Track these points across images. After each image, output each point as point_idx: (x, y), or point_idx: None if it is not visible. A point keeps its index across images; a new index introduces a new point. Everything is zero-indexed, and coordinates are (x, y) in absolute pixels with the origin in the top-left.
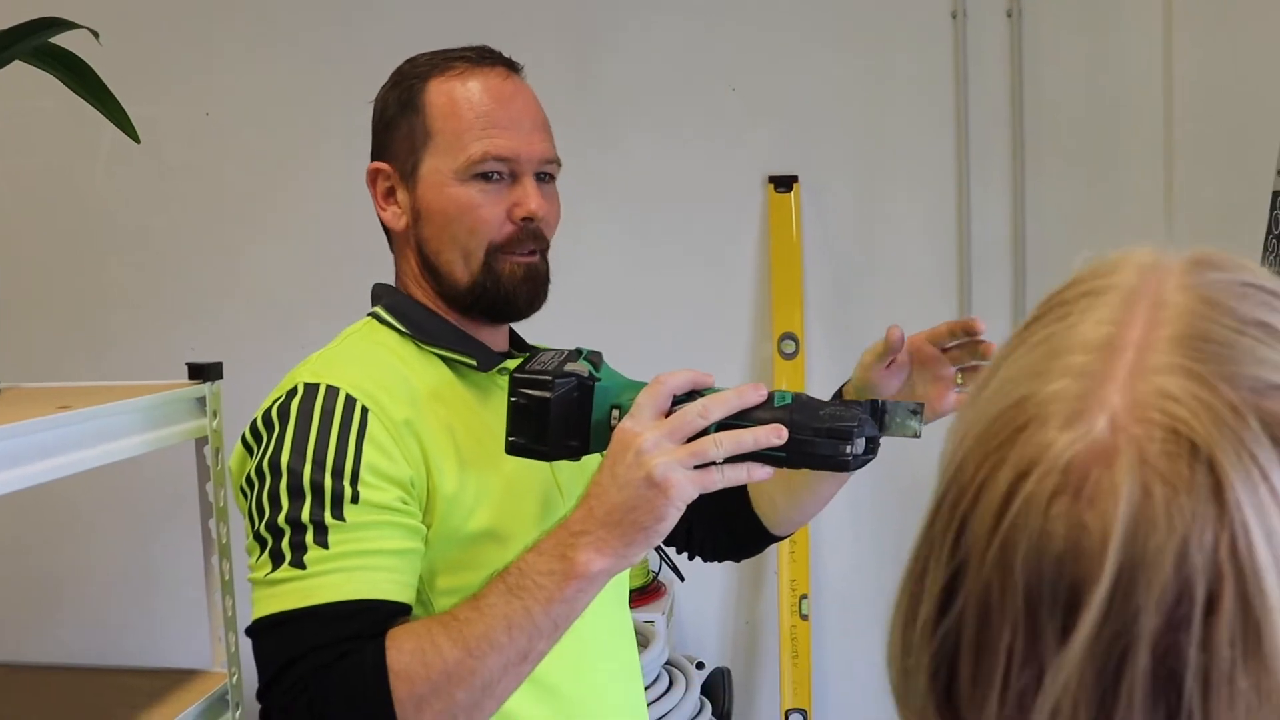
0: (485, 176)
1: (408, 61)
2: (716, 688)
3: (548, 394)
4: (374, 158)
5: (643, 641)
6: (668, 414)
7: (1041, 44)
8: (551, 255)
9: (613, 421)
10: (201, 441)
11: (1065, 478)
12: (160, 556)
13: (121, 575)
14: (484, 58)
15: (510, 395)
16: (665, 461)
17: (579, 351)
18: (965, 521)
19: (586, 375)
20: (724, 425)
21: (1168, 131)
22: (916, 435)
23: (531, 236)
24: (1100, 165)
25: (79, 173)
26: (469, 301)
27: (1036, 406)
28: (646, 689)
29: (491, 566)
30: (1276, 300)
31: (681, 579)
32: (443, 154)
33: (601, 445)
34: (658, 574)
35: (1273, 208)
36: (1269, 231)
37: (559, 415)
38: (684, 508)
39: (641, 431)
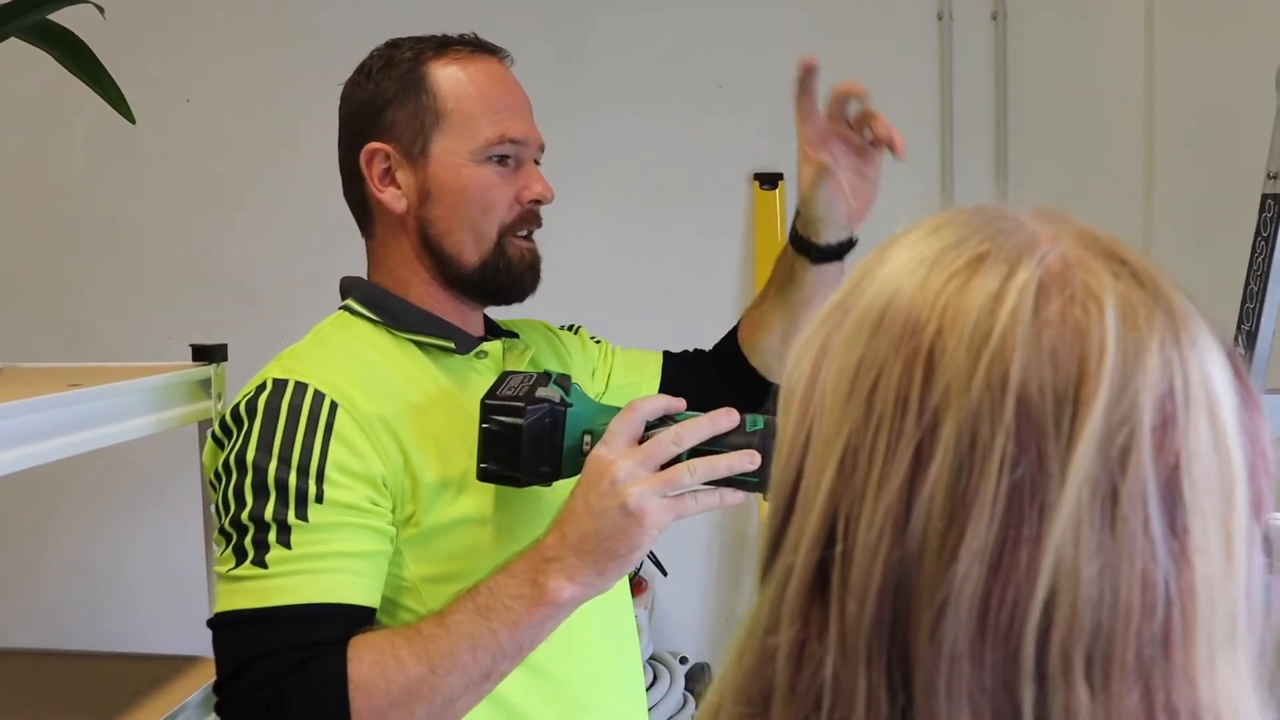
0: (500, 160)
1: (389, 46)
2: (700, 683)
3: (520, 420)
4: (362, 139)
5: None
6: (641, 440)
7: (1025, 46)
8: None
9: (585, 447)
10: (205, 424)
11: (1044, 288)
12: (135, 544)
13: (90, 562)
14: (479, 45)
15: (482, 422)
16: (640, 490)
17: (548, 375)
18: (931, 369)
19: (559, 400)
20: (697, 451)
21: (1149, 133)
22: None
23: (535, 219)
24: (1083, 166)
25: (56, 157)
26: (476, 282)
27: (976, 258)
28: None
29: (477, 550)
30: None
31: (665, 574)
32: (457, 135)
33: (574, 471)
34: (639, 570)
35: (1262, 210)
36: (1257, 234)
37: (531, 442)
38: (658, 536)
39: (615, 459)
